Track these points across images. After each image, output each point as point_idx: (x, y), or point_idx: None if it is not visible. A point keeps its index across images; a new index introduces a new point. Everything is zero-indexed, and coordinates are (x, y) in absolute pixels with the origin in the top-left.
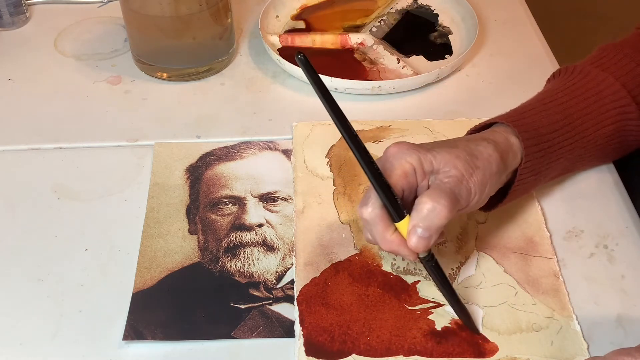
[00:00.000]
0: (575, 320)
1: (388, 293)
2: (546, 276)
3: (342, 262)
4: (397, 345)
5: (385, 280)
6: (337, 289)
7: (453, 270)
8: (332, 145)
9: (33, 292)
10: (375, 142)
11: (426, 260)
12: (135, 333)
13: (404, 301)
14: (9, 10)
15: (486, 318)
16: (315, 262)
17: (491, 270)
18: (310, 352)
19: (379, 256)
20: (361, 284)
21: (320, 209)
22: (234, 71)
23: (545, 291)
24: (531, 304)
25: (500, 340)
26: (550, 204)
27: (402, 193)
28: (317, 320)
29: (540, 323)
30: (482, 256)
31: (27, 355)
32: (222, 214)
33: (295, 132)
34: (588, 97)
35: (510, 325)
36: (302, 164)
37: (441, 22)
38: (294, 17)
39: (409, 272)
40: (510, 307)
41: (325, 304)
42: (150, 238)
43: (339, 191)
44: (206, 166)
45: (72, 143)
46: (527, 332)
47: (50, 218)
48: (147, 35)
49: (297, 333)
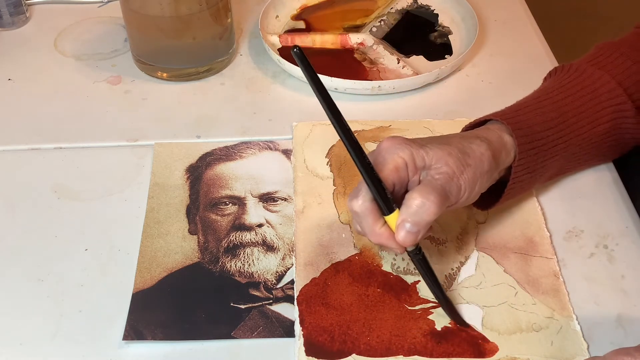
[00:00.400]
0: (575, 320)
1: (388, 293)
2: (546, 276)
3: (342, 262)
4: (397, 345)
5: (385, 280)
6: (337, 289)
7: (453, 270)
8: (332, 145)
9: (33, 292)
10: (375, 142)
11: (413, 254)
12: (135, 333)
13: (404, 301)
14: (9, 10)
15: (486, 318)
16: (315, 262)
17: (491, 270)
18: (311, 352)
19: (379, 256)
20: (361, 284)
21: (320, 209)
22: (234, 71)
23: (545, 291)
24: (531, 304)
25: (500, 340)
26: (550, 203)
27: (393, 187)
28: (317, 320)
29: (540, 323)
30: (482, 256)
31: (27, 355)
32: (222, 214)
33: (295, 132)
34: (583, 95)
35: (510, 325)
36: (302, 164)
37: (441, 22)
38: (294, 17)
39: (409, 272)
40: (510, 307)
41: (325, 304)
42: (150, 238)
43: (339, 191)
44: (206, 166)
45: (72, 143)
46: (527, 332)
47: (50, 218)
48: (147, 35)
49: (297, 333)
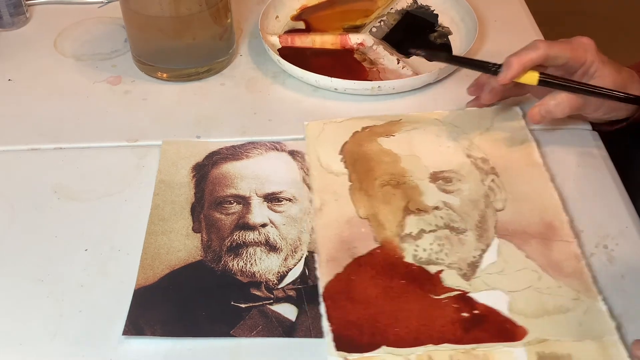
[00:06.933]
0: (601, 301)
1: (412, 284)
2: (568, 259)
3: (363, 256)
4: (425, 334)
5: (408, 271)
6: (362, 283)
7: (475, 257)
8: (345, 142)
9: (33, 292)
10: (387, 136)
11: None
12: (135, 328)
13: (429, 291)
14: (9, 11)
15: (512, 303)
16: (337, 258)
17: (513, 256)
18: (341, 346)
19: (400, 248)
20: (385, 276)
21: (337, 205)
22: (234, 71)
23: (569, 274)
24: (556, 287)
25: (529, 324)
26: None
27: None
28: (344, 314)
29: (567, 305)
30: (503, 243)
31: (27, 355)
32: (226, 213)
33: (307, 131)
34: None
35: (537, 309)
36: (316, 162)
37: (441, 22)
38: (294, 17)
39: (431, 262)
40: (535, 291)
41: (351, 299)
42: (154, 235)
43: (355, 187)
44: (212, 165)
45: (72, 143)
46: (554, 314)
47: (50, 218)
48: (147, 35)
49: (325, 329)
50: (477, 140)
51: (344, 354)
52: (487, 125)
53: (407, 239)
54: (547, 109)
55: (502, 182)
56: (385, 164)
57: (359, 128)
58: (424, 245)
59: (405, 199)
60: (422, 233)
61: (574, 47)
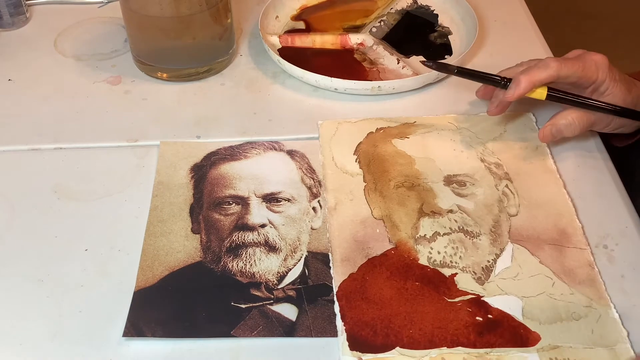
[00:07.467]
0: (613, 309)
1: (427, 286)
2: (581, 266)
3: (378, 256)
4: (439, 337)
5: (422, 273)
6: (376, 284)
7: (489, 262)
8: (360, 142)
9: (33, 293)
10: (401, 138)
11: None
12: (136, 330)
13: (443, 294)
14: (9, 11)
15: (526, 308)
16: (351, 258)
17: (527, 261)
18: (355, 346)
19: (414, 250)
20: (399, 277)
21: (352, 206)
22: (234, 71)
23: (582, 281)
24: (569, 293)
25: (542, 330)
26: None
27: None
28: (359, 315)
29: (580, 312)
30: (517, 248)
31: (27, 355)
32: (225, 214)
33: (322, 130)
34: None
35: (550, 315)
36: (330, 162)
37: (441, 23)
38: (294, 17)
39: (445, 264)
40: (549, 297)
41: (365, 299)
42: (153, 236)
43: (370, 187)
44: (211, 165)
45: (72, 143)
46: (567, 321)
47: (50, 218)
48: (147, 35)
49: (339, 329)
50: (491, 145)
51: (358, 354)
52: (500, 131)
53: (421, 241)
54: (558, 129)
55: (516, 188)
56: (399, 166)
57: (374, 129)
58: (438, 248)
59: (420, 201)
60: (437, 236)
61: (586, 66)
